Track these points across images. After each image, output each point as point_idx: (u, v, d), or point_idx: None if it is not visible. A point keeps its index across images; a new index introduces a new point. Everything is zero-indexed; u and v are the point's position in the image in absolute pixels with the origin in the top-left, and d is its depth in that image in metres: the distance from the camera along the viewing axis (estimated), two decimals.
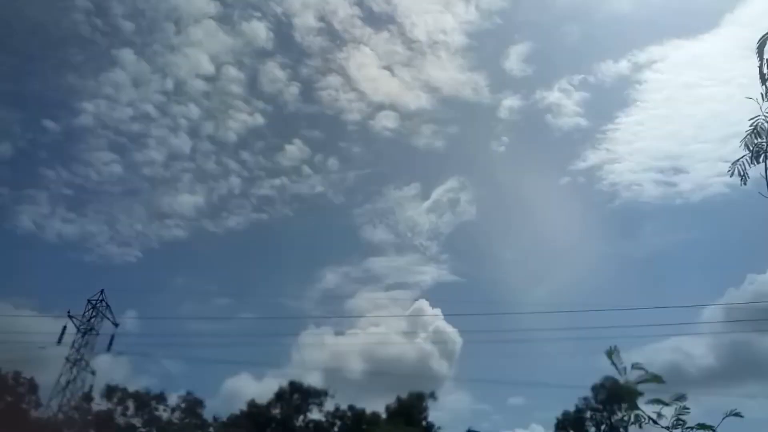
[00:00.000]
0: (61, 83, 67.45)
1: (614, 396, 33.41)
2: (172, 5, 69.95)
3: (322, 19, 71.61)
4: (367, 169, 76.96)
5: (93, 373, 32.14)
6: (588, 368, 58.15)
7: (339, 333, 49.57)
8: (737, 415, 3.87)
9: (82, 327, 32.30)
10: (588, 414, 34.40)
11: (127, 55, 65.63)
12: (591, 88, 72.86)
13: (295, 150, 69.54)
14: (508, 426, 66.32)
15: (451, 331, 50.89)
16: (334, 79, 71.35)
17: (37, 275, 60.62)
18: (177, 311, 62.52)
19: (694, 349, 49.96)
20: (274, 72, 70.94)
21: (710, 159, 65.73)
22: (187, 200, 65.44)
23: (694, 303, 65.32)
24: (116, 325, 33.30)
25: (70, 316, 32.32)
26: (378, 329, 54.34)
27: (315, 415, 44.51)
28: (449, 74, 74.43)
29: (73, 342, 31.98)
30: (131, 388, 37.19)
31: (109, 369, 36.60)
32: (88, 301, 32.83)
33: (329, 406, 44.37)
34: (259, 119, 69.45)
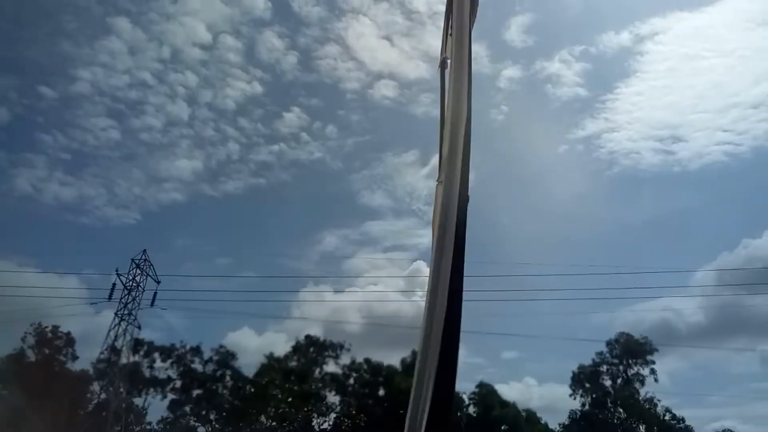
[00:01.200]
0: (57, 50, 66.31)
1: (629, 351, 36.10)
2: None
3: None
4: (366, 136, 77.30)
5: (139, 327, 33.24)
6: (584, 325, 61.51)
7: (338, 291, 50.86)
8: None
9: (128, 284, 33.27)
10: (604, 368, 36.39)
11: (122, 23, 64.75)
12: (592, 59, 73.37)
13: (293, 117, 69.74)
14: (503, 379, 69.33)
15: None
16: (332, 49, 71.31)
17: (36, 236, 60.91)
18: (178, 270, 63.14)
19: (685, 308, 52.62)
20: (271, 41, 70.57)
21: (709, 128, 66.97)
22: (185, 165, 65.69)
23: (688, 266, 67.53)
24: (158, 282, 34.31)
25: (117, 274, 33.21)
26: (376, 288, 55.86)
27: (331, 367, 46.29)
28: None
29: (120, 298, 33.01)
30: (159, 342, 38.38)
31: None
32: (132, 260, 33.70)
33: (345, 359, 46.27)
34: (258, 87, 69.35)
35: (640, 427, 34.80)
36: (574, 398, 37.13)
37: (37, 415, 28.55)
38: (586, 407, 36.93)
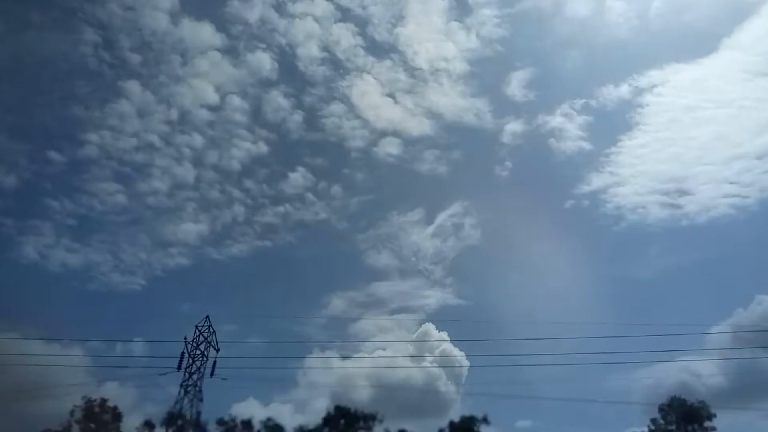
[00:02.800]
0: (67, 115, 67.45)
1: (686, 416, 36.18)
2: (179, 37, 70.80)
3: (325, 49, 73.96)
4: (371, 195, 78.32)
5: (201, 399, 32.09)
6: (599, 389, 59.80)
7: (345, 357, 49.91)
8: None
9: (192, 352, 32.31)
10: None
11: (133, 86, 66.43)
12: (593, 112, 75.32)
13: (298, 177, 70.67)
14: None
15: (458, 353, 51.52)
16: (337, 107, 73.50)
17: (41, 304, 58.90)
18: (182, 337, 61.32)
19: (703, 369, 52.02)
20: (277, 101, 72.54)
21: (715, 180, 67.88)
22: (191, 229, 65.55)
23: (702, 323, 66.06)
24: (217, 350, 33.45)
25: (185, 342, 32.34)
26: (384, 353, 54.86)
27: None
28: (451, 100, 77.04)
29: (186, 368, 31.98)
30: None
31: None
32: (196, 327, 32.94)
33: (378, 430, 44.96)
34: (263, 147, 70.67)
35: None
36: None
37: None
38: None
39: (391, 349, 54.34)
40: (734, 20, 77.91)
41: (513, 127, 74.78)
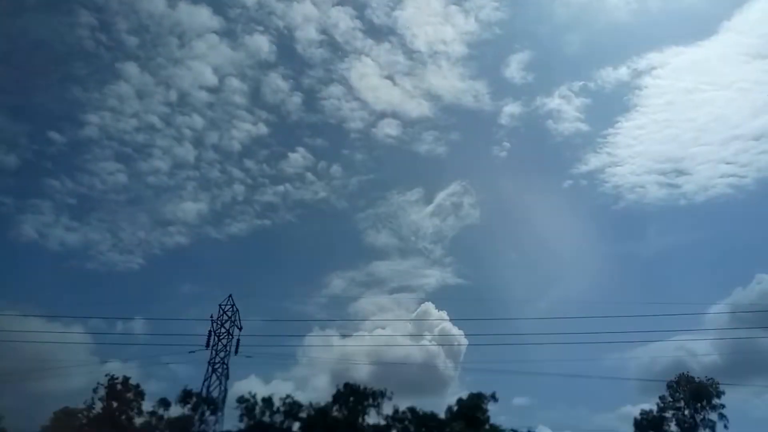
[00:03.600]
0: (66, 96, 66.75)
1: (695, 394, 37.11)
2: (176, 20, 70.05)
3: (323, 32, 73.45)
4: (370, 174, 78.38)
5: (227, 377, 32.43)
6: (596, 367, 60.68)
7: (345, 335, 50.23)
8: None
9: (217, 331, 32.58)
10: (669, 414, 35.81)
11: (131, 68, 66.03)
12: (591, 94, 75.83)
13: (298, 158, 70.53)
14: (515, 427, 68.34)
15: (457, 332, 52.50)
16: (336, 89, 73.22)
17: (39, 283, 58.80)
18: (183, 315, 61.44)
19: (699, 347, 52.60)
20: (276, 83, 72.23)
21: (712, 161, 68.99)
22: (191, 208, 65.58)
23: (701, 302, 64.91)
24: (240, 328, 33.72)
25: (212, 320, 32.57)
26: (384, 332, 55.16)
27: (373, 418, 45.47)
28: (450, 83, 77.08)
29: (212, 346, 32.28)
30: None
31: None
32: (219, 306, 33.13)
33: (387, 407, 45.53)
34: (263, 128, 70.46)
35: None
36: None
37: None
38: None
39: (391, 327, 54.82)
40: (734, 3, 78.50)
41: (511, 108, 75.18)
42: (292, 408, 37.72)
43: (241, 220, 67.73)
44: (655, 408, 37.41)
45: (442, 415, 44.61)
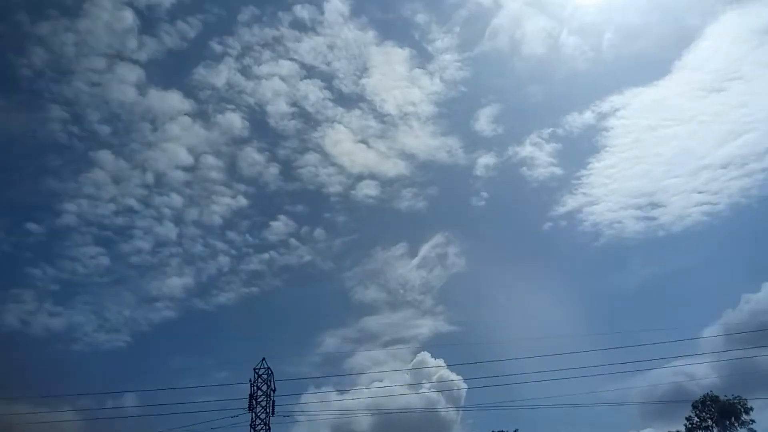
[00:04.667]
0: (41, 188, 66.87)
1: (722, 411, 37.80)
2: (147, 107, 71.58)
3: (294, 104, 76.27)
4: (354, 235, 78.91)
5: None
6: (597, 399, 61.23)
7: (343, 391, 49.85)
8: None
9: (255, 394, 32.11)
10: None
11: (105, 155, 67.50)
12: (561, 139, 78.44)
13: (280, 225, 71.49)
14: None
15: (455, 378, 53.06)
16: (312, 157, 75.20)
17: (26, 370, 57.44)
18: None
19: (698, 370, 53.58)
20: (252, 156, 74.16)
21: (684, 191, 70.96)
22: (176, 283, 65.36)
23: (693, 326, 67.48)
24: (274, 390, 33.28)
25: (251, 383, 32.15)
26: (383, 384, 54.93)
27: None
28: (423, 141, 79.42)
29: (253, 408, 31.71)
30: None
31: None
32: (254, 370, 32.77)
33: None
34: (243, 201, 71.64)
35: None
36: None
37: None
38: None
39: (389, 379, 54.35)
40: (682, 44, 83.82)
41: (485, 160, 78.11)
42: None
43: (228, 290, 67.48)
44: (683, 429, 38.07)
45: None
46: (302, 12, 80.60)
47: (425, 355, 55.04)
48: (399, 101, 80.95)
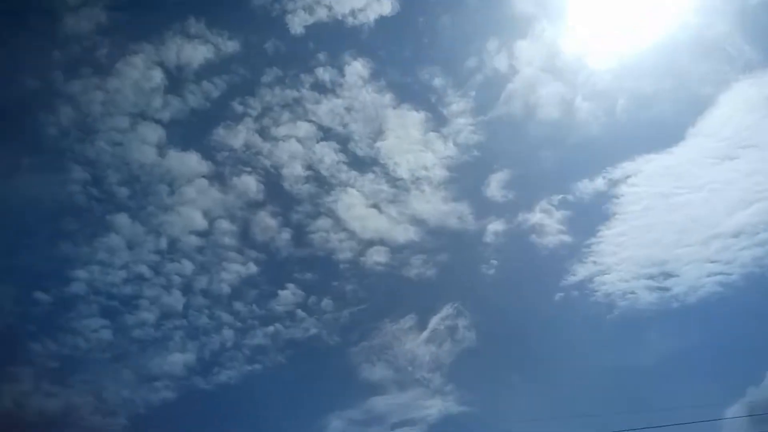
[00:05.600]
0: (55, 254, 65.40)
1: None
2: (166, 168, 71.00)
3: (309, 167, 75.52)
4: (362, 305, 76.94)
5: None
6: None
7: None
8: None
9: None
10: None
11: (122, 219, 65.80)
12: (571, 206, 76.50)
13: (288, 295, 69.67)
14: None
15: None
16: (324, 222, 73.77)
17: None
18: None
19: None
20: (265, 221, 72.87)
21: (697, 261, 68.40)
22: (178, 359, 62.87)
23: (715, 405, 63.76)
24: None
25: None
26: None
27: None
28: (434, 206, 77.93)
29: None
30: None
31: None
32: None
33: None
34: (253, 268, 69.60)
35: None
36: None
37: None
38: None
39: None
40: (695, 111, 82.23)
41: (495, 226, 75.96)
42: None
43: (230, 367, 64.96)
44: None
45: None
46: (324, 74, 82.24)
47: None
48: (412, 165, 79.88)
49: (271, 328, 70.54)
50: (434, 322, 76.24)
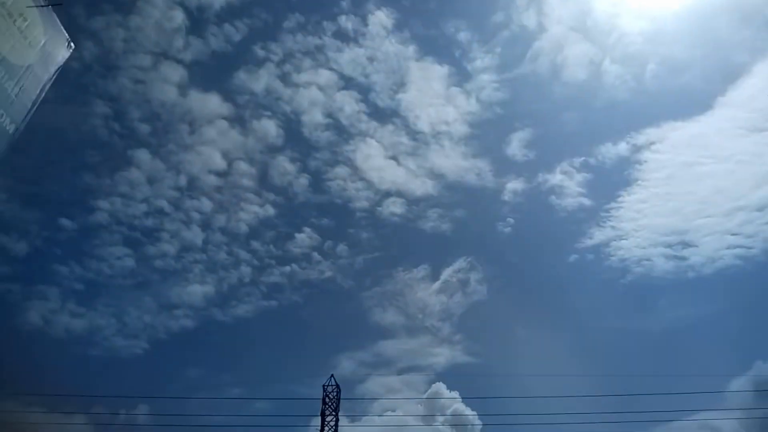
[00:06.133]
0: (78, 183, 68.22)
1: None
2: (187, 108, 73.20)
3: (329, 115, 77.55)
4: (376, 253, 79.43)
5: None
6: None
7: (355, 418, 49.13)
8: None
9: (328, 409, 32.34)
10: None
11: (142, 154, 68.84)
12: (592, 169, 78.24)
13: (304, 238, 72.35)
14: None
15: (470, 413, 52.37)
16: (342, 170, 76.28)
17: (43, 372, 58.51)
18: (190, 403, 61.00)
19: (723, 425, 52.58)
20: (284, 165, 75.28)
21: (717, 232, 67.03)
22: (197, 290, 66.40)
23: (719, 376, 65.30)
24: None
25: (322, 401, 32.31)
26: (394, 413, 54.23)
27: None
28: (453, 161, 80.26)
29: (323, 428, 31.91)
30: None
31: None
32: (323, 387, 32.96)
33: None
34: (270, 210, 72.63)
35: None
36: None
37: None
38: None
39: (402, 409, 53.45)
40: (727, 80, 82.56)
41: (514, 185, 78.34)
42: None
43: (247, 302, 68.35)
44: None
45: None
46: (347, 23, 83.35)
47: (440, 386, 53.91)
48: (433, 119, 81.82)
49: (287, 268, 72.14)
50: (447, 273, 76.69)
